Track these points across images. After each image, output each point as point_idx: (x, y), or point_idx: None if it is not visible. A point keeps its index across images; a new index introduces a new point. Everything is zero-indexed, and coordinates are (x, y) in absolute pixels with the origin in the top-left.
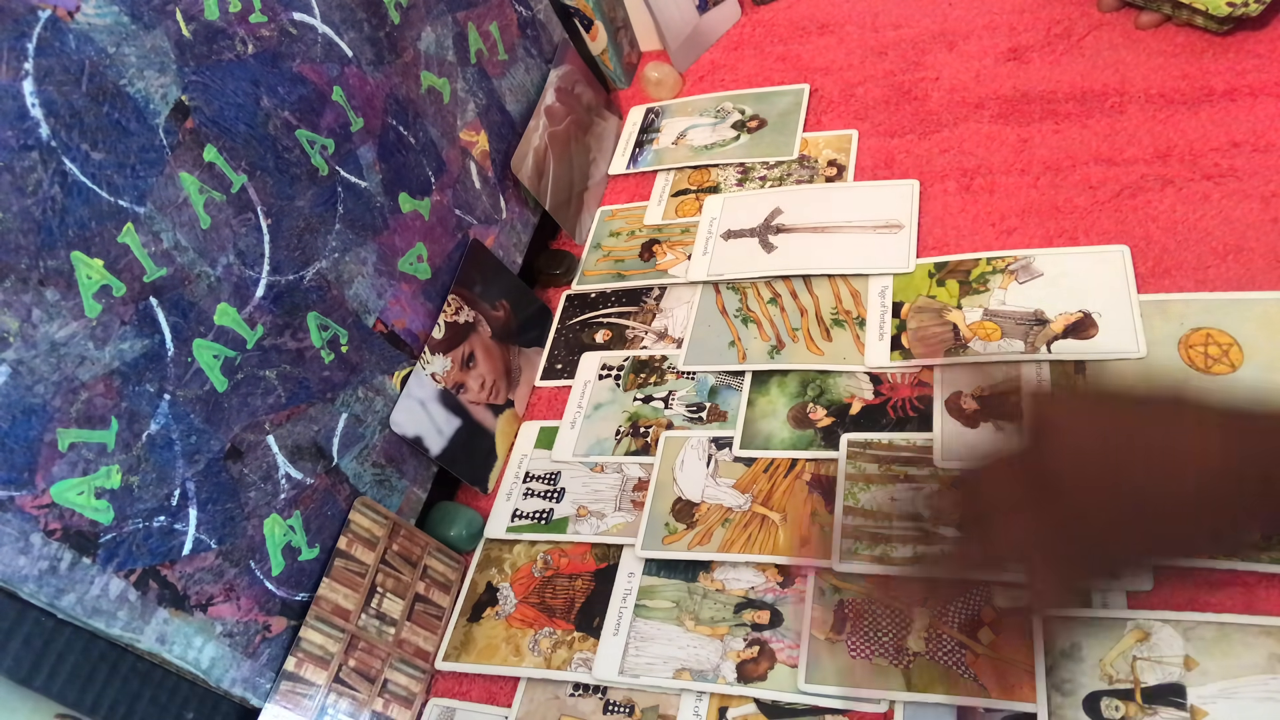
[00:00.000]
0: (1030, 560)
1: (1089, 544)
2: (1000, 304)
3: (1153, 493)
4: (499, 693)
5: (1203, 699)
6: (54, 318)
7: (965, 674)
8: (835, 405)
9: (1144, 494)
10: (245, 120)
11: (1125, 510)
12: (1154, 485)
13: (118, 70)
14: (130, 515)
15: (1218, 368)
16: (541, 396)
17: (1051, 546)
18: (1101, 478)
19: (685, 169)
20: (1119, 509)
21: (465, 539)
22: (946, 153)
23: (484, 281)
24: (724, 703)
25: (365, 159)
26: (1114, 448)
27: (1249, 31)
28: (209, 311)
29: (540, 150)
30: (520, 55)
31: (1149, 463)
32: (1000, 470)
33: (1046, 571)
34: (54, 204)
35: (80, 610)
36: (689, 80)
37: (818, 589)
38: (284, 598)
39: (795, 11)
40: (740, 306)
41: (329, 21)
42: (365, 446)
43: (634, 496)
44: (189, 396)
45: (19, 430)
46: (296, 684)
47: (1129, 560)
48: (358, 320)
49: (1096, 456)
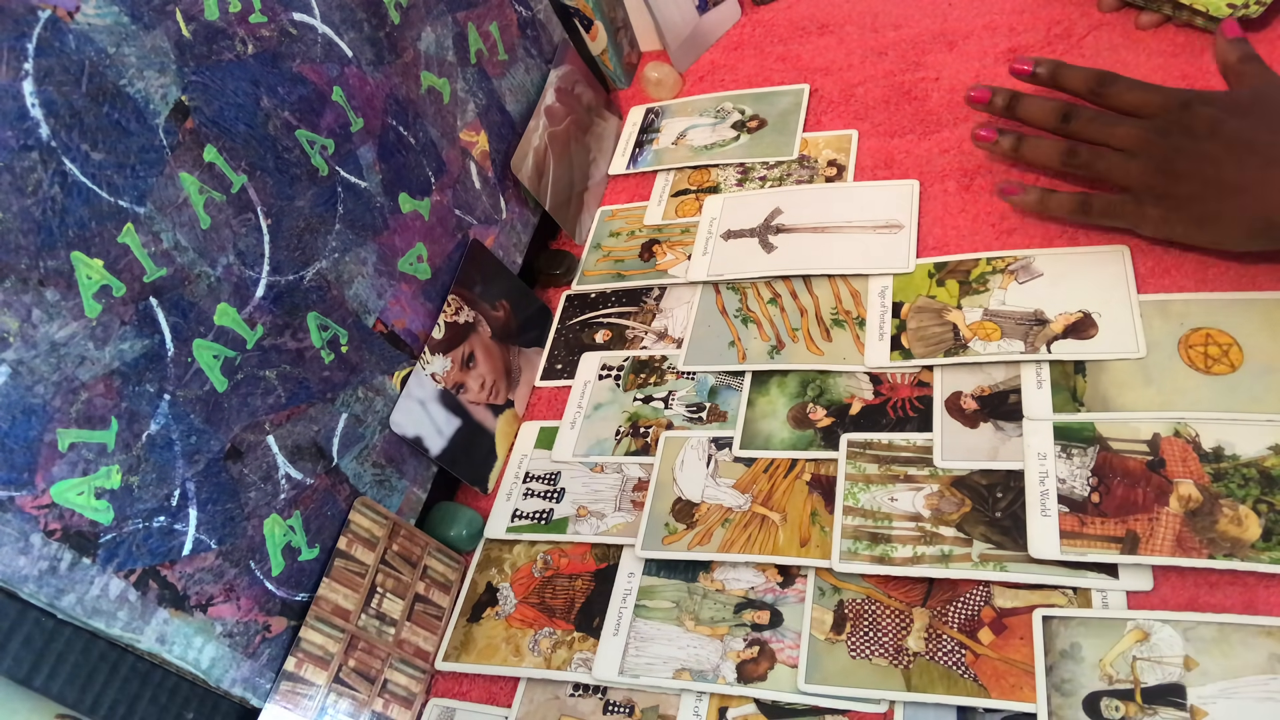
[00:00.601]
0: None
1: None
2: (1000, 304)
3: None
4: (499, 693)
5: (1203, 699)
6: (54, 318)
7: (965, 674)
8: (835, 405)
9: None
10: (245, 120)
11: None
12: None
13: (118, 70)
14: (130, 515)
15: (1218, 368)
16: (541, 396)
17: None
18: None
19: (685, 169)
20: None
21: (465, 539)
22: (946, 153)
23: (484, 281)
24: (724, 703)
25: (365, 159)
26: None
27: (1249, 32)
28: (209, 311)
29: (540, 150)
30: (520, 55)
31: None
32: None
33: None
34: (54, 204)
35: (80, 610)
36: (689, 80)
37: (817, 589)
38: (284, 598)
39: (795, 11)
40: (740, 306)
41: (329, 21)
42: (365, 446)
43: (634, 496)
44: (189, 396)
45: (19, 430)
46: (296, 684)
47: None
48: (358, 320)
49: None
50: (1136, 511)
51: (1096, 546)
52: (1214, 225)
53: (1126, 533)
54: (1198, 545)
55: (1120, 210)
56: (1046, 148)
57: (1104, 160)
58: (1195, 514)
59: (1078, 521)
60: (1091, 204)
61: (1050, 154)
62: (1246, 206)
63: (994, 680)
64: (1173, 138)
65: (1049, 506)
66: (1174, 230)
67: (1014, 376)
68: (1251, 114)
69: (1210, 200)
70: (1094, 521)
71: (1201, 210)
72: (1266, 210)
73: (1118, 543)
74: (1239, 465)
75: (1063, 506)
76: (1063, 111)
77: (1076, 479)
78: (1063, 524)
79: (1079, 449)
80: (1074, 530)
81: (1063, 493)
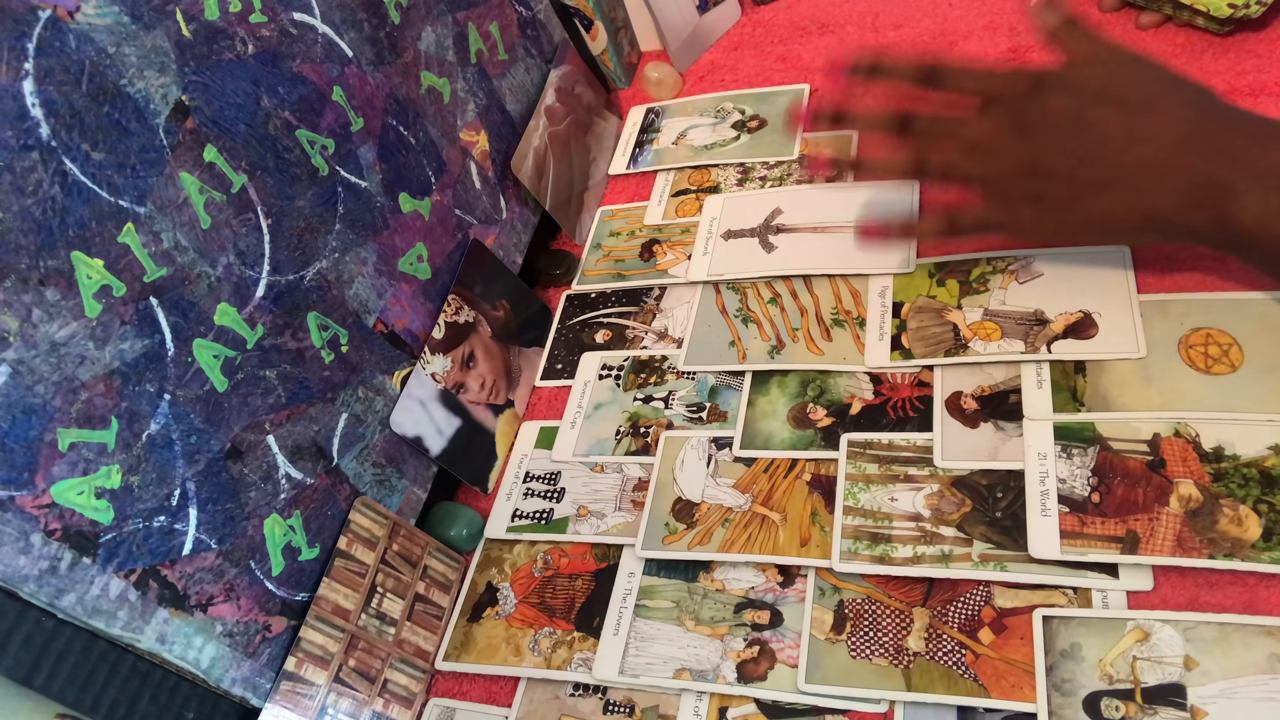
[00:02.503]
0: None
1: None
2: (1000, 304)
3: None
4: (499, 693)
5: (1203, 699)
6: (54, 318)
7: (965, 674)
8: (835, 405)
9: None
10: (245, 120)
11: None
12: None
13: (118, 70)
14: (130, 515)
15: (1218, 368)
16: (541, 396)
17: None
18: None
19: (685, 169)
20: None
21: (465, 539)
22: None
23: (484, 281)
24: (724, 703)
25: (365, 159)
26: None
27: (1249, 32)
28: (209, 311)
29: (540, 150)
30: (520, 55)
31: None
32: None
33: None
34: (54, 204)
35: (80, 610)
36: (689, 80)
37: (818, 589)
38: (284, 598)
39: (795, 11)
40: (740, 306)
41: (329, 21)
42: (365, 446)
43: (634, 496)
44: (189, 396)
45: (19, 430)
46: (296, 684)
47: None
48: (358, 320)
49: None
50: (1137, 511)
51: (1097, 546)
52: (1098, 228)
53: (1127, 533)
54: (1198, 545)
55: (990, 219)
56: (890, 162)
57: (958, 166)
58: (1195, 514)
59: (1078, 521)
60: (959, 222)
61: (897, 168)
62: (1131, 205)
63: (994, 680)
64: (1032, 133)
65: (1049, 506)
66: (1054, 232)
67: (1014, 376)
68: (1108, 100)
69: (1089, 201)
70: (1094, 521)
71: (1083, 213)
72: (1151, 205)
73: (1118, 543)
74: (1239, 465)
75: (1063, 506)
76: (900, 119)
77: (1077, 479)
78: (1063, 524)
79: (1079, 449)
80: (1074, 530)
81: (1063, 493)
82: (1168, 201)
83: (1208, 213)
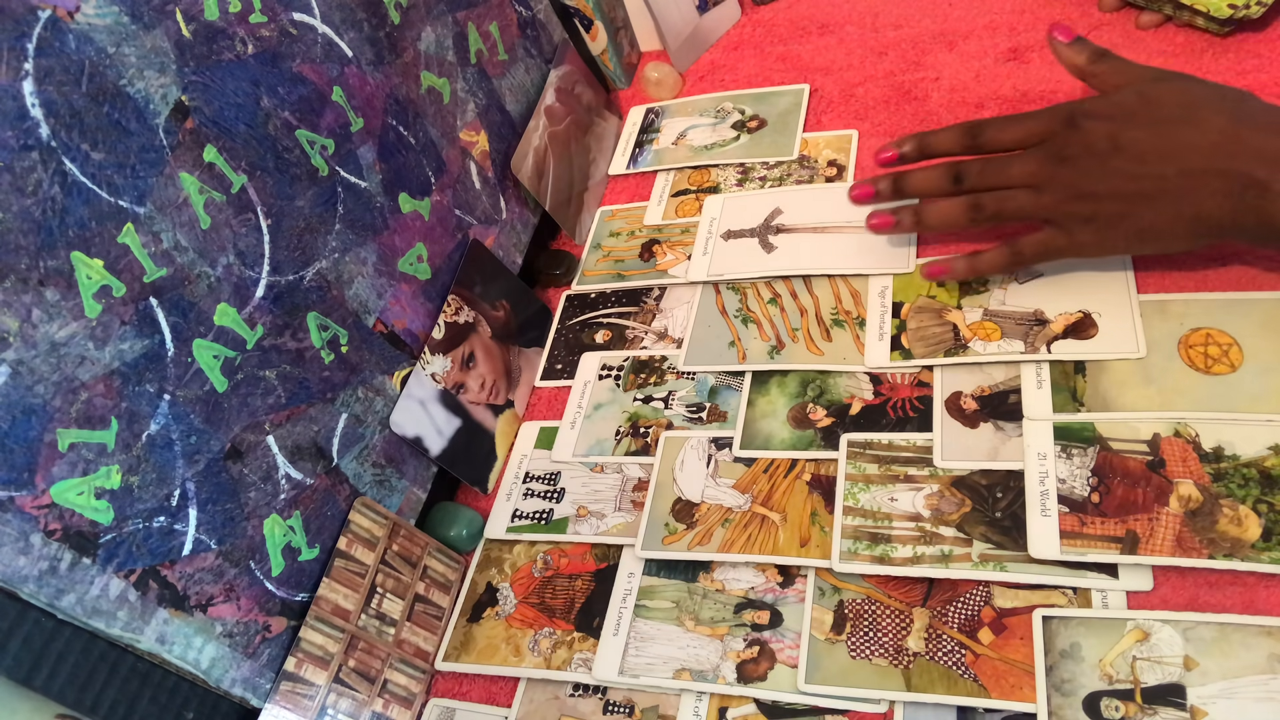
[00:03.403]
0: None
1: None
2: (1000, 304)
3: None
4: (499, 693)
5: (1203, 699)
6: (54, 318)
7: (965, 674)
8: (835, 405)
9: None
10: (245, 120)
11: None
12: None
13: (118, 70)
14: (130, 515)
15: (1218, 368)
16: (541, 396)
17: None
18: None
19: (685, 169)
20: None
21: (465, 539)
22: None
23: (484, 281)
24: (724, 703)
25: (365, 159)
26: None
27: (1249, 32)
28: (209, 311)
29: (540, 150)
30: (520, 55)
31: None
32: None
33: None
34: (54, 204)
35: (80, 610)
36: (689, 80)
37: (817, 589)
38: (284, 598)
39: (795, 11)
40: (740, 307)
41: (329, 21)
42: (365, 447)
43: (634, 497)
44: (189, 396)
45: (19, 430)
46: (296, 684)
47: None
48: (358, 320)
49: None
50: (1136, 511)
51: (1096, 546)
52: (1154, 237)
53: (1126, 533)
54: (1198, 545)
55: (1053, 245)
56: (947, 210)
57: (1013, 202)
58: (1195, 514)
59: (1078, 521)
60: (1022, 251)
61: (954, 215)
62: (1179, 212)
63: (994, 680)
64: (1076, 161)
65: (1049, 506)
66: (1116, 246)
67: (1014, 376)
68: (1143, 118)
69: (1140, 213)
70: (1094, 521)
71: (1136, 225)
72: (1197, 210)
73: (1118, 543)
74: (1239, 465)
75: (1063, 506)
76: (952, 174)
77: (1076, 479)
78: (1063, 524)
79: (1079, 449)
80: (1074, 530)
81: (1063, 493)
82: (1213, 205)
83: (1253, 213)
